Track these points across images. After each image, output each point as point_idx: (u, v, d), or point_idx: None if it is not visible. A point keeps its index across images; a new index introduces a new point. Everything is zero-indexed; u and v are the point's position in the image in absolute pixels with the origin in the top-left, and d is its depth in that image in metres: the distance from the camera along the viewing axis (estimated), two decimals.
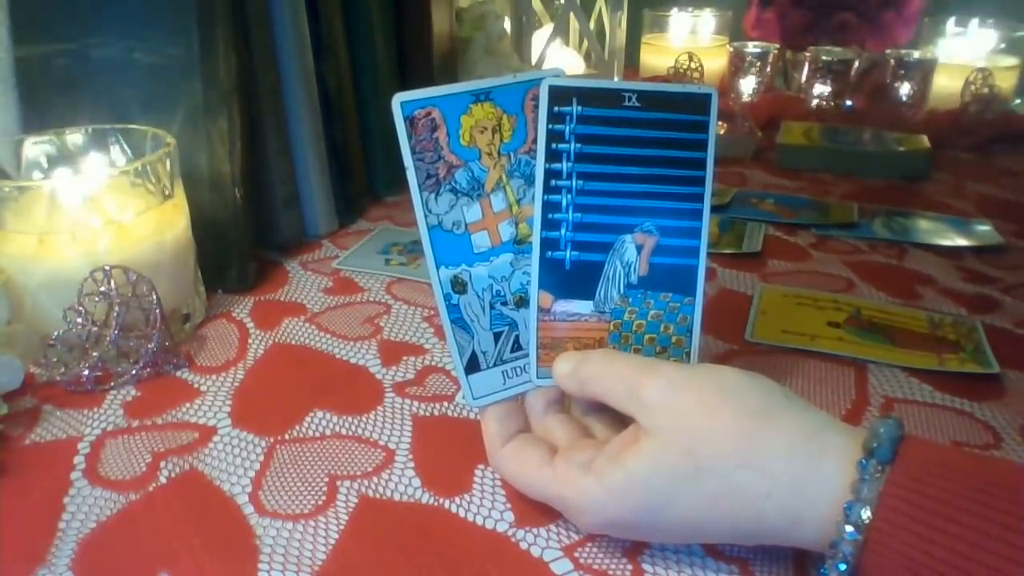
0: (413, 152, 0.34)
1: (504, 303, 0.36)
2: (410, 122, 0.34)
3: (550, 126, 0.35)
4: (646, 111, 0.36)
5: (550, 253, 0.36)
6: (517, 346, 0.37)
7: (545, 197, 0.35)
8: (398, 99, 0.34)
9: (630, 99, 0.35)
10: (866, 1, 1.12)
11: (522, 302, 0.37)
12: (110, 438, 0.41)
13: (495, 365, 0.36)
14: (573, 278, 0.36)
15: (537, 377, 0.36)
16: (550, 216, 0.36)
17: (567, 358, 0.35)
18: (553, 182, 0.35)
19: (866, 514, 0.27)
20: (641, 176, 0.36)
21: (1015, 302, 0.57)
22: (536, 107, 0.35)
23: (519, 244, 0.36)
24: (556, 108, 0.35)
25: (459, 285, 0.36)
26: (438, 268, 0.35)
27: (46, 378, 0.44)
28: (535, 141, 0.35)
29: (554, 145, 0.35)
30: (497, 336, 0.36)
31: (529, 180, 0.36)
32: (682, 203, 0.36)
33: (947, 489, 0.26)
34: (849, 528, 0.27)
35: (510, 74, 0.35)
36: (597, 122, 0.35)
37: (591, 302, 0.36)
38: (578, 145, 0.35)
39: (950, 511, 0.26)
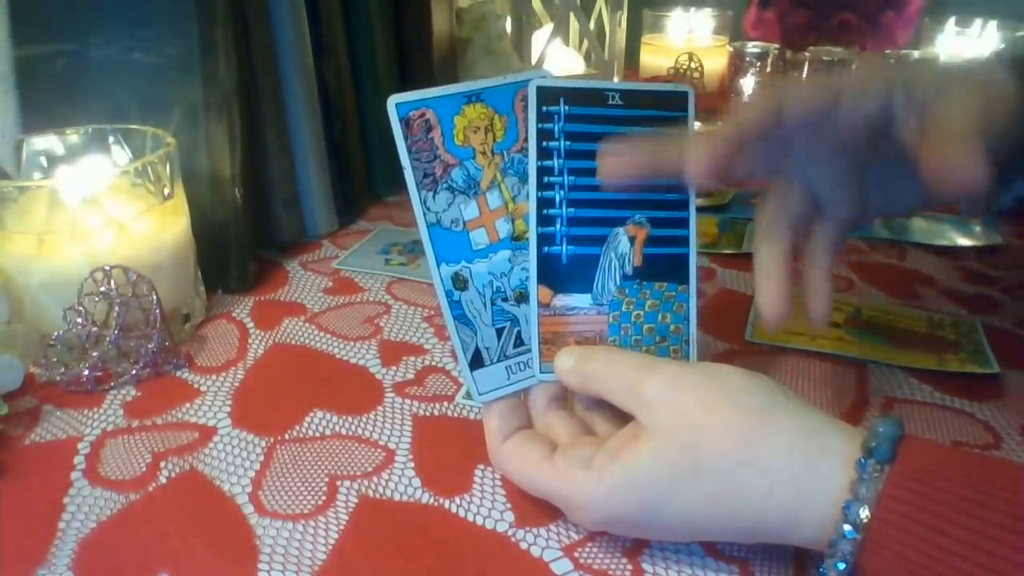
0: (410, 152, 0.35)
1: (505, 299, 0.37)
2: (405, 123, 0.35)
3: (539, 125, 0.36)
4: (629, 109, 0.37)
5: (547, 248, 0.36)
6: (520, 342, 0.37)
7: (539, 194, 0.36)
8: (393, 101, 0.35)
9: (613, 98, 0.37)
10: (866, 1, 1.12)
11: (522, 298, 0.37)
12: (110, 438, 0.41)
13: (499, 361, 0.37)
14: (570, 272, 0.37)
15: (540, 372, 0.37)
16: (545, 212, 0.36)
17: (568, 353, 0.35)
18: (545, 179, 0.36)
19: (864, 513, 0.27)
20: None
21: (1015, 302, 0.57)
22: (526, 107, 0.36)
23: (516, 240, 0.37)
24: (544, 108, 0.36)
25: (460, 282, 0.36)
26: (439, 265, 0.36)
27: (46, 378, 0.44)
28: (527, 140, 0.36)
29: (544, 143, 0.36)
30: (500, 332, 0.37)
31: (523, 178, 0.37)
32: (668, 194, 0.37)
33: (946, 489, 0.26)
34: (848, 527, 0.27)
35: (500, 76, 0.36)
36: (584, 120, 0.36)
37: (589, 295, 0.37)
38: (567, 142, 0.36)
39: (948, 511, 0.26)
